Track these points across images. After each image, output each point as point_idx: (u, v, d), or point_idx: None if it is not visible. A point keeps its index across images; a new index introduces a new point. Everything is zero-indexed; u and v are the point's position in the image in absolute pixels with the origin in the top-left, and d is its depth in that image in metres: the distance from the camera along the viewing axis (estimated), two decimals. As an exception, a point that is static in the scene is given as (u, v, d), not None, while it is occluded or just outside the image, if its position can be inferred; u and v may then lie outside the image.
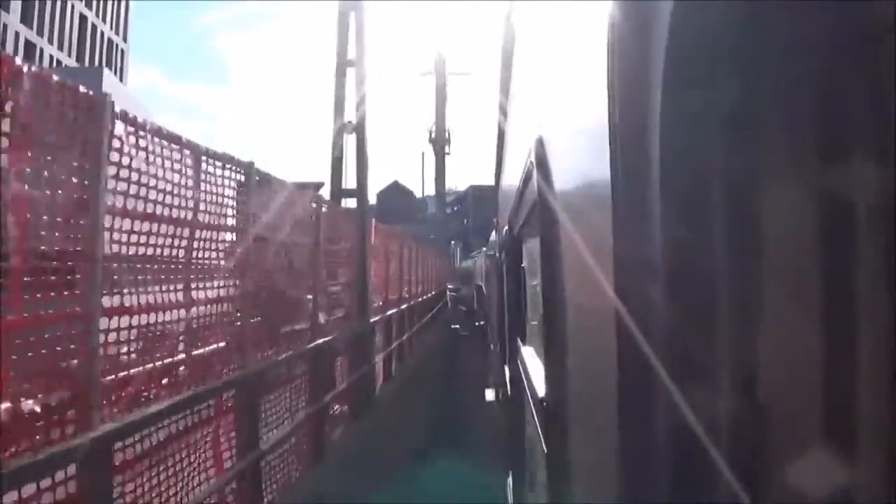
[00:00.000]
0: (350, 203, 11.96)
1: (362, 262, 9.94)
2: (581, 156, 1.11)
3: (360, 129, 12.10)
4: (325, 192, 11.62)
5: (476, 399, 9.77)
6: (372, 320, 10.38)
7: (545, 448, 1.69)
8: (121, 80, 58.67)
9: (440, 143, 50.21)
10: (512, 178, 3.41)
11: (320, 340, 7.27)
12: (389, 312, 12.78)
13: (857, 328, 0.52)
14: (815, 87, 0.55)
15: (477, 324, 22.95)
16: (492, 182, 7.30)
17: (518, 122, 3.28)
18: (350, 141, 12.26)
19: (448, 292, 28.69)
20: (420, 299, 17.89)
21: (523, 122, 2.75)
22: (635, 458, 0.80)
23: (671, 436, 0.68)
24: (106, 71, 27.78)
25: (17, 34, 44.20)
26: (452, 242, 51.40)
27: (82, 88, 3.05)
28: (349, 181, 12.33)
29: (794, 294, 0.57)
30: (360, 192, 11.71)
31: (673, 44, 0.64)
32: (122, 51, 60.86)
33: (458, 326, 24.62)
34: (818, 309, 0.55)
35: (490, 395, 8.86)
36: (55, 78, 2.88)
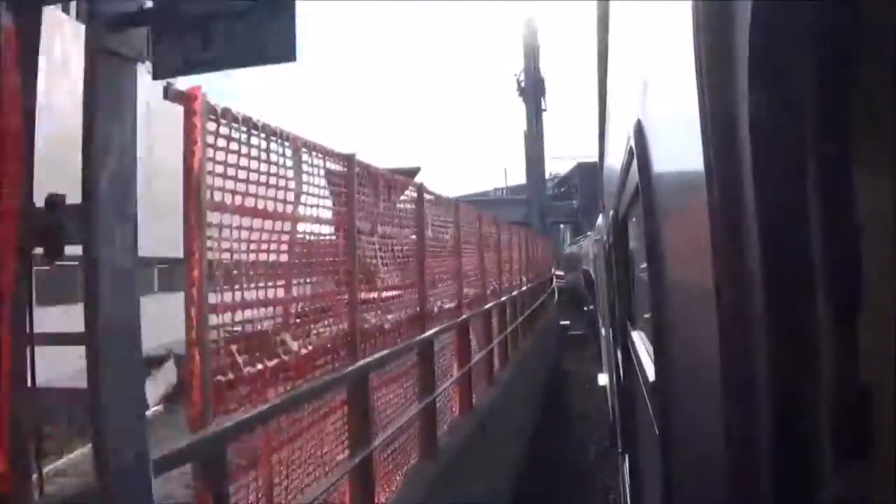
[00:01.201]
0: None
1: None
2: (677, 141, 1.12)
3: None
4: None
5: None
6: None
7: (657, 430, 1.69)
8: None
9: (533, 94, 35.22)
10: (614, 161, 3.36)
11: None
12: (381, 354, 4.65)
13: None
14: None
15: (585, 308, 22.07)
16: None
17: (617, 102, 3.22)
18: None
19: (555, 280, 25.81)
20: (499, 300, 10.61)
21: (622, 103, 2.71)
22: (742, 442, 0.81)
23: (777, 421, 0.70)
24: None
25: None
26: (562, 226, 49.63)
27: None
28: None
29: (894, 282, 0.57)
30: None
31: (756, 33, 0.65)
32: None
33: (567, 322, 22.39)
34: None
35: (602, 379, 8.75)
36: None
